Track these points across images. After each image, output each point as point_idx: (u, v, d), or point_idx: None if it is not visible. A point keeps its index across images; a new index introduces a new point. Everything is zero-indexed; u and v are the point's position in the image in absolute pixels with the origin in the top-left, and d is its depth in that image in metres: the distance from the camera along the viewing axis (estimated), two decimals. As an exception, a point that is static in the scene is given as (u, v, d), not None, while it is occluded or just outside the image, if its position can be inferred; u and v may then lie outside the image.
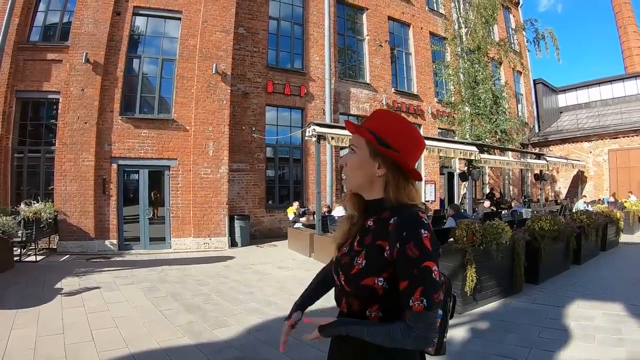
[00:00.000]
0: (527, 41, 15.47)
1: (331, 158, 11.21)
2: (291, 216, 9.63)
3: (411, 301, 0.86)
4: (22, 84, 8.08)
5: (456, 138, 12.75)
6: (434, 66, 14.40)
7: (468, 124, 13.22)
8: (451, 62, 14.04)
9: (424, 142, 1.08)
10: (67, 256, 7.45)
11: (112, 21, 8.39)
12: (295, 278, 5.86)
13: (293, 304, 1.25)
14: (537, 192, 16.40)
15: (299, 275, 6.08)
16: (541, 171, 13.36)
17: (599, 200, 13.96)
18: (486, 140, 12.87)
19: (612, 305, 4.20)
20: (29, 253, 7.18)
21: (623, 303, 4.20)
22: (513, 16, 18.83)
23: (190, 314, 4.12)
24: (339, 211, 8.78)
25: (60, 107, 8.14)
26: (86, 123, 8.04)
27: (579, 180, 16.76)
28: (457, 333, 3.48)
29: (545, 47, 14.41)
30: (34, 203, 7.03)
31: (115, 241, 8.22)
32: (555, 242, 5.50)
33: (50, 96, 8.30)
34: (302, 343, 3.15)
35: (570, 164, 14.75)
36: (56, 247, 7.85)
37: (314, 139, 7.69)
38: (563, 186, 18.33)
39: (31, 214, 6.76)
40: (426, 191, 13.44)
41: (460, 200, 13.82)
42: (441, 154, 9.86)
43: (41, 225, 6.93)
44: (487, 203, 11.35)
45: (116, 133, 8.32)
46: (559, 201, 15.19)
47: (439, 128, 14.41)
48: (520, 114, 18.22)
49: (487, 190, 15.99)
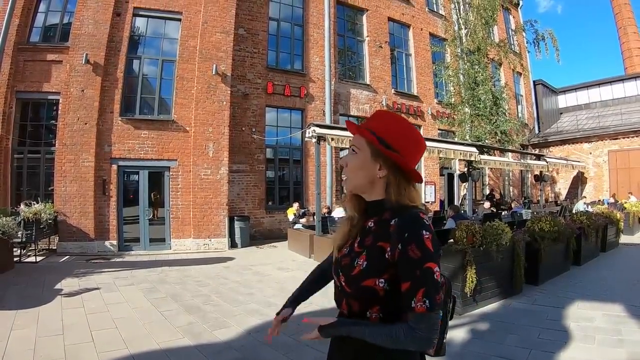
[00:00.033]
0: (527, 42, 15.54)
1: (331, 159, 11.21)
2: (291, 217, 9.62)
3: (413, 302, 0.86)
4: (22, 85, 8.09)
5: (456, 139, 12.76)
6: (434, 67, 14.38)
7: (468, 125, 13.24)
8: (451, 63, 14.06)
9: (425, 144, 1.07)
10: (67, 257, 7.45)
11: (112, 22, 8.40)
12: (295, 279, 5.84)
13: (286, 300, 1.26)
14: (537, 193, 16.39)
15: (299, 276, 6.03)
16: (541, 172, 13.35)
17: (599, 201, 13.95)
18: (486, 141, 12.88)
19: (612, 306, 4.20)
20: (29, 254, 7.19)
21: (623, 304, 4.20)
22: (513, 17, 18.84)
23: (190, 315, 4.12)
24: (339, 212, 8.77)
25: (60, 108, 8.14)
26: (86, 124, 8.05)
27: (579, 181, 16.75)
28: (457, 334, 3.48)
29: (545, 48, 14.51)
30: (34, 204, 7.03)
31: (115, 242, 8.22)
32: (555, 243, 5.49)
33: (50, 97, 8.30)
34: (301, 344, 3.15)
35: (570, 165, 14.75)
36: (56, 248, 7.84)
37: (314, 140, 7.70)
38: (563, 187, 18.32)
39: (31, 215, 6.75)
40: (426, 192, 13.44)
41: (460, 201, 13.82)
42: (441, 155, 9.86)
43: (41, 226, 6.93)
44: (487, 204, 11.36)
45: (116, 134, 8.32)
46: (559, 202, 15.17)
47: (439, 129, 14.42)
48: (520, 115, 18.23)
49: (487, 191, 16.01)
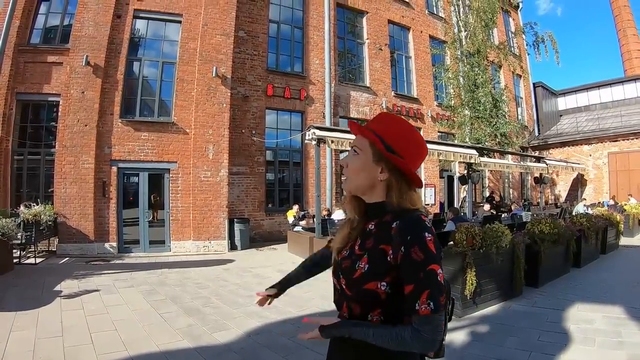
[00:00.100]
0: (527, 44, 15.55)
1: (331, 161, 11.21)
2: (291, 219, 9.61)
3: (417, 304, 0.86)
4: (23, 86, 8.10)
5: (456, 141, 12.77)
6: (434, 69, 14.40)
7: (468, 128, 13.25)
8: (451, 66, 14.07)
9: (427, 149, 1.07)
10: (67, 259, 7.44)
11: (113, 24, 8.41)
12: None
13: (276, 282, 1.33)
14: (537, 195, 16.39)
15: (299, 278, 6.05)
16: (541, 174, 13.36)
17: (599, 203, 13.93)
18: (486, 143, 12.90)
19: (612, 308, 4.19)
20: (29, 255, 7.18)
21: (623, 306, 4.19)
22: (513, 19, 18.88)
23: (189, 317, 4.11)
24: (339, 214, 8.77)
25: (60, 110, 8.15)
26: (86, 126, 8.05)
27: (579, 183, 16.74)
28: (457, 336, 3.47)
29: (544, 51, 14.53)
30: (34, 205, 7.02)
31: (114, 244, 8.21)
32: (555, 245, 5.49)
33: (50, 98, 8.30)
34: (301, 346, 3.15)
35: (570, 167, 14.76)
36: (56, 250, 7.83)
37: (314, 143, 7.71)
38: (563, 189, 18.32)
39: (31, 217, 6.75)
40: (426, 195, 13.44)
41: (460, 203, 13.80)
42: (441, 158, 9.87)
43: (41, 227, 6.92)
44: (487, 206, 11.37)
45: (116, 136, 8.33)
46: (559, 204, 15.18)
47: (439, 131, 14.44)
48: (520, 117, 18.24)
49: (487, 193, 16.01)
